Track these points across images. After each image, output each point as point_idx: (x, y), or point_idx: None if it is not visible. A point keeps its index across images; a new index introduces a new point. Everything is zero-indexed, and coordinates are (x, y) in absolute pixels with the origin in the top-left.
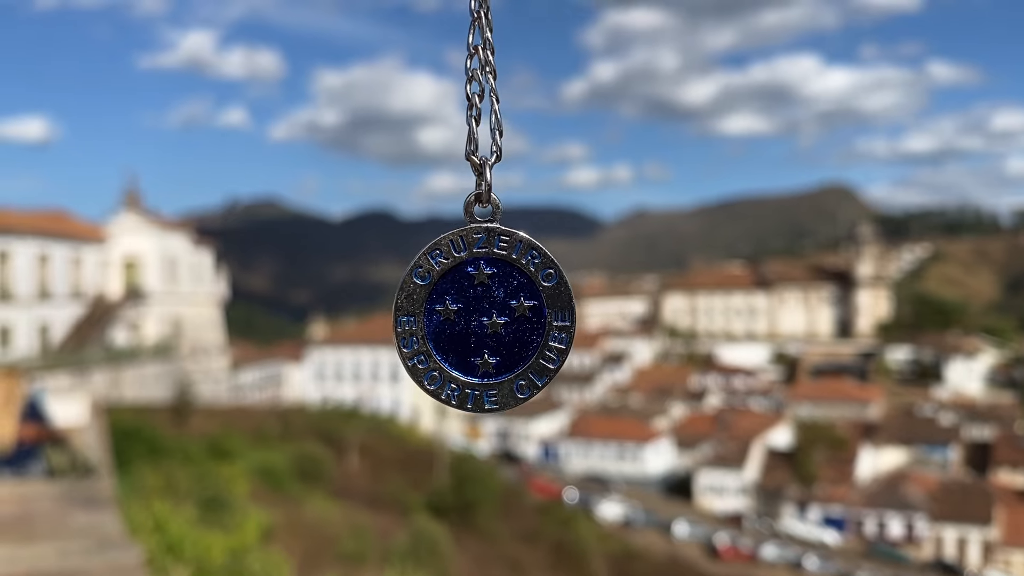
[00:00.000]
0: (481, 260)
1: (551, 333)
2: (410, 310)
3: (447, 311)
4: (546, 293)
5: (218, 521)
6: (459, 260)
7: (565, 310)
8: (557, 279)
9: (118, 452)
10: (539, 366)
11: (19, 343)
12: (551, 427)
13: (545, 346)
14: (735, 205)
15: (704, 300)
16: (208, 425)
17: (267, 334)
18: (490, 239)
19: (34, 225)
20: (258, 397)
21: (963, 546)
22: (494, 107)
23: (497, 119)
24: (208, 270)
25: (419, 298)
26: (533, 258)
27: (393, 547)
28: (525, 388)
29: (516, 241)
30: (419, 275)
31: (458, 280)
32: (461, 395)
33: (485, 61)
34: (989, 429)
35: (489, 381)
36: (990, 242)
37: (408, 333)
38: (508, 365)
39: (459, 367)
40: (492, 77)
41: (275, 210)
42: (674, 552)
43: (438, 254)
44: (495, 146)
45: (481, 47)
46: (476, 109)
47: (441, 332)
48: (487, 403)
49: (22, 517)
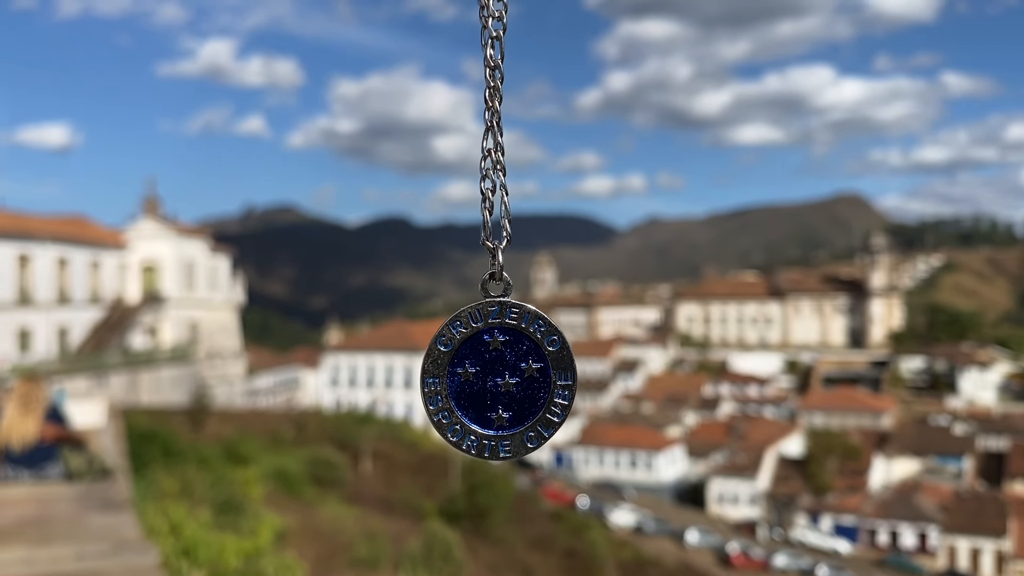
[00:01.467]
0: (495, 329)
1: (555, 391)
2: (435, 373)
3: (467, 373)
4: (551, 356)
5: (233, 525)
6: (476, 329)
7: (568, 370)
8: (560, 344)
9: (135, 455)
10: (546, 420)
11: (38, 346)
12: (564, 434)
13: (551, 402)
14: (748, 214)
15: (717, 309)
16: (224, 429)
17: (283, 339)
18: (503, 311)
19: (54, 230)
20: (273, 402)
21: (976, 557)
22: (504, 200)
23: (506, 209)
24: (225, 276)
25: (443, 362)
26: (539, 327)
27: (406, 552)
28: (534, 439)
29: (525, 312)
30: (443, 343)
31: (476, 346)
32: (479, 445)
33: (496, 161)
34: (1003, 440)
35: (503, 433)
36: (1005, 252)
37: (434, 393)
38: (519, 419)
39: (477, 421)
40: (502, 174)
41: (292, 216)
42: (686, 560)
43: (458, 324)
44: (506, 232)
45: (493, 150)
46: (489, 202)
47: (462, 391)
48: (502, 452)
49: (40, 518)
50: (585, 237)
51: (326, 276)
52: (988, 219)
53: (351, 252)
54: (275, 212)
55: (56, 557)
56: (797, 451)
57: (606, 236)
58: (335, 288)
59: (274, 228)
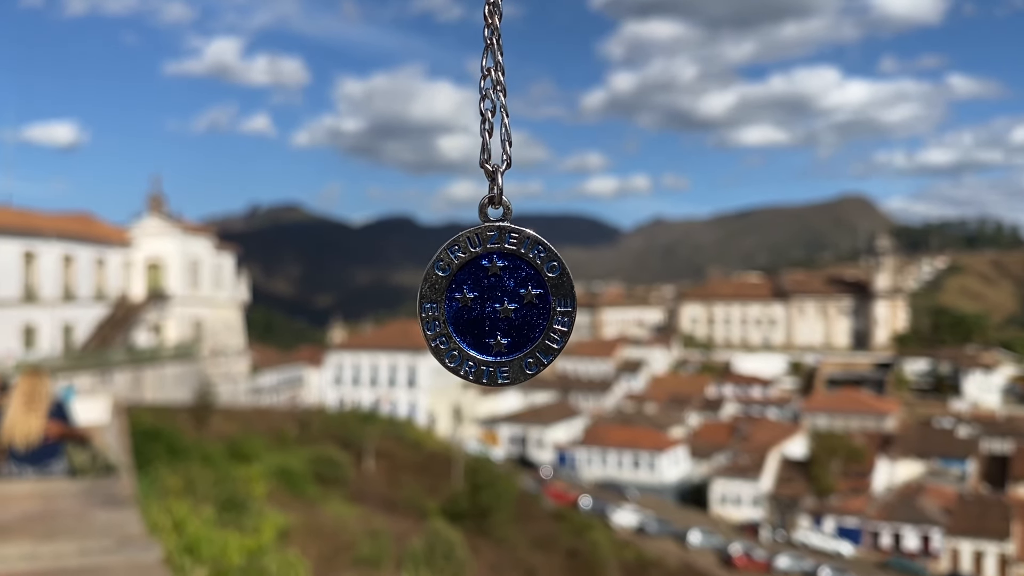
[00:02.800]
0: (494, 254)
1: (555, 317)
2: (433, 298)
3: (464, 298)
4: (551, 283)
5: (236, 522)
6: (475, 254)
7: (567, 297)
8: (560, 271)
9: (138, 452)
10: (545, 346)
11: (43, 343)
12: (567, 434)
13: (550, 328)
14: (753, 215)
15: (721, 310)
16: (227, 427)
17: (287, 338)
18: (501, 236)
19: (59, 227)
20: (277, 400)
21: (979, 560)
22: (504, 121)
23: (507, 131)
24: (230, 274)
25: (441, 287)
26: (539, 252)
27: (409, 552)
28: (533, 365)
29: (524, 238)
30: (440, 267)
31: (474, 272)
32: (477, 371)
33: (496, 81)
34: (1007, 443)
35: (502, 359)
36: (1010, 255)
37: (431, 318)
38: (518, 345)
39: (475, 347)
40: (503, 95)
41: (297, 215)
42: (688, 561)
43: (457, 249)
44: (505, 155)
45: (493, 69)
46: (488, 123)
47: (459, 317)
48: (500, 378)
49: (44, 514)
50: (589, 237)
51: (331, 275)
52: (993, 221)
53: (356, 251)
54: (280, 211)
55: (60, 553)
56: (800, 453)
57: (611, 236)
58: (340, 287)
59: (279, 227)
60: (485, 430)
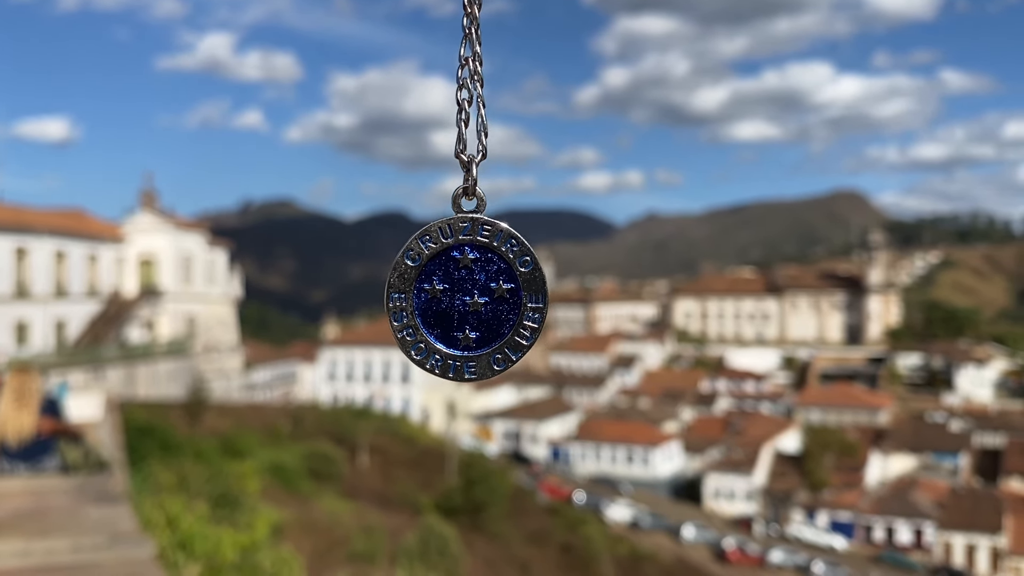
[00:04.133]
0: (466, 246)
1: (526, 313)
2: (401, 288)
3: (434, 290)
4: (523, 278)
5: (229, 518)
6: (446, 245)
7: (539, 293)
8: (533, 265)
9: (132, 448)
10: (514, 342)
11: (35, 340)
12: (561, 429)
13: (520, 324)
14: (746, 210)
15: (715, 305)
16: (221, 423)
17: (281, 334)
18: (474, 227)
19: (51, 223)
20: (270, 396)
21: (972, 554)
22: (480, 112)
23: (483, 122)
24: (222, 269)
25: (409, 277)
26: (512, 246)
27: (403, 547)
28: (501, 361)
29: (497, 230)
30: (410, 257)
31: (445, 263)
32: (444, 365)
33: (474, 71)
34: (999, 437)
35: (469, 354)
36: (1002, 250)
37: (399, 309)
38: (487, 340)
39: (443, 340)
40: (480, 85)
41: (290, 210)
42: (682, 555)
43: (428, 239)
44: (481, 145)
45: (471, 59)
46: (465, 113)
47: (428, 309)
48: (467, 373)
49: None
50: (583, 232)
51: (326, 270)
52: (986, 216)
53: (350, 246)
54: (273, 206)
55: (52, 549)
56: (794, 447)
57: (604, 231)
58: (335, 282)
59: (272, 222)
60: (479, 425)
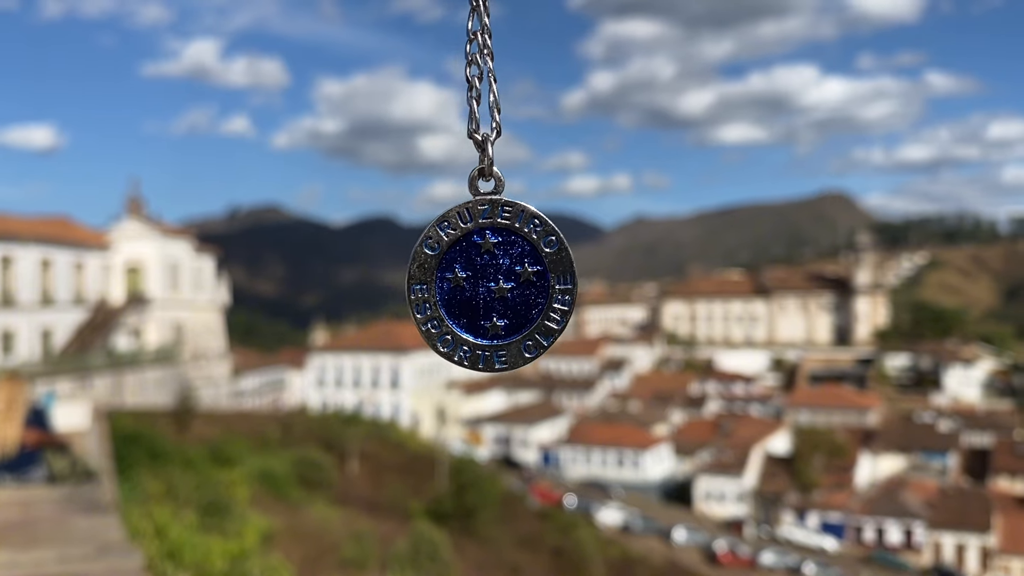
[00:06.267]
0: (487, 230)
1: (555, 296)
2: (422, 279)
3: (456, 278)
4: (549, 259)
5: (219, 526)
6: (466, 230)
7: (567, 274)
8: (558, 245)
9: (119, 457)
10: (544, 327)
11: (21, 348)
12: (551, 433)
13: (549, 308)
14: (734, 212)
15: (703, 307)
16: (209, 431)
17: (269, 340)
18: (494, 210)
19: (37, 231)
20: (259, 403)
21: (961, 553)
22: (492, 87)
23: (495, 98)
24: (210, 276)
25: (430, 267)
26: (535, 226)
27: (394, 553)
28: (532, 348)
29: (519, 211)
30: (429, 246)
31: (466, 249)
32: (472, 356)
33: (483, 44)
34: (987, 436)
35: (498, 343)
36: (988, 250)
37: (421, 300)
38: (516, 327)
39: (470, 330)
40: (490, 59)
41: (277, 216)
42: (673, 558)
43: (446, 225)
44: (495, 123)
45: (480, 32)
46: (476, 90)
47: (452, 298)
48: (497, 363)
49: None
50: (572, 236)
51: (316, 275)
52: (972, 217)
53: (339, 251)
54: (260, 212)
55: (39, 560)
56: (783, 449)
57: (593, 235)
58: (326, 286)
59: (260, 228)
60: (469, 430)
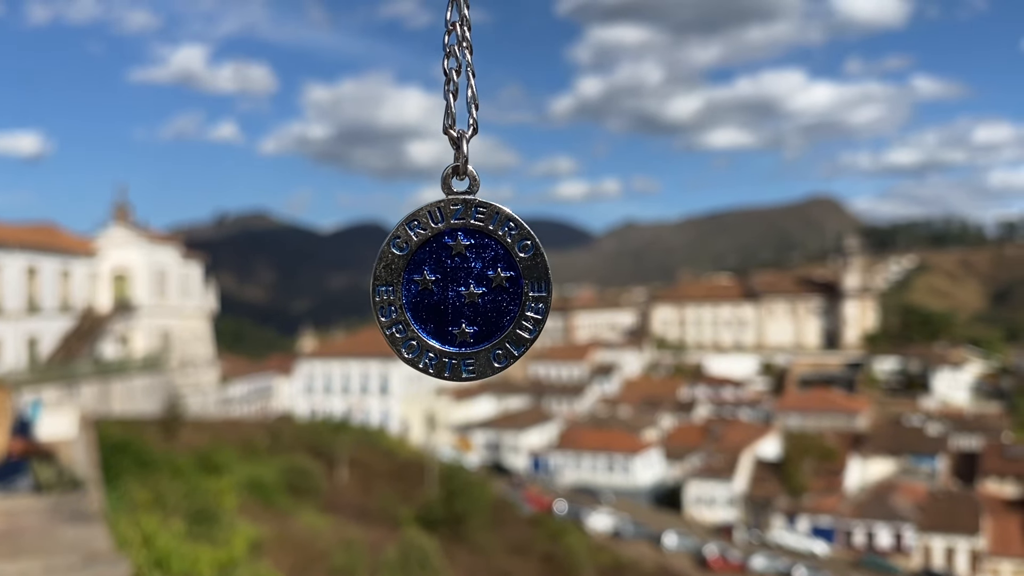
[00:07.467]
0: (459, 231)
1: (527, 304)
2: (388, 280)
3: (425, 281)
4: (523, 264)
5: (207, 535)
6: (437, 231)
7: (541, 281)
8: (534, 250)
9: (106, 466)
10: (516, 336)
11: (7, 356)
12: (541, 439)
13: (522, 316)
14: (722, 217)
15: (693, 312)
16: (197, 438)
17: (257, 347)
18: (467, 210)
19: (23, 238)
20: (247, 410)
21: (951, 556)
22: (470, 81)
23: (473, 93)
24: (197, 283)
25: (397, 268)
26: (510, 229)
27: (383, 560)
28: (502, 357)
29: (494, 212)
30: (397, 245)
31: (436, 251)
32: (439, 364)
33: (462, 36)
34: (976, 439)
35: (467, 350)
36: (975, 253)
37: (386, 303)
38: (485, 335)
39: (437, 336)
40: (468, 52)
41: (265, 222)
42: (664, 563)
43: (416, 225)
44: (472, 119)
45: (459, 23)
46: (453, 84)
47: (419, 302)
48: (464, 372)
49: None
50: (561, 241)
51: (305, 281)
52: (959, 220)
53: (328, 257)
54: (248, 218)
55: (25, 571)
56: (773, 453)
57: (582, 240)
58: (315, 292)
59: (249, 234)
60: (459, 437)
